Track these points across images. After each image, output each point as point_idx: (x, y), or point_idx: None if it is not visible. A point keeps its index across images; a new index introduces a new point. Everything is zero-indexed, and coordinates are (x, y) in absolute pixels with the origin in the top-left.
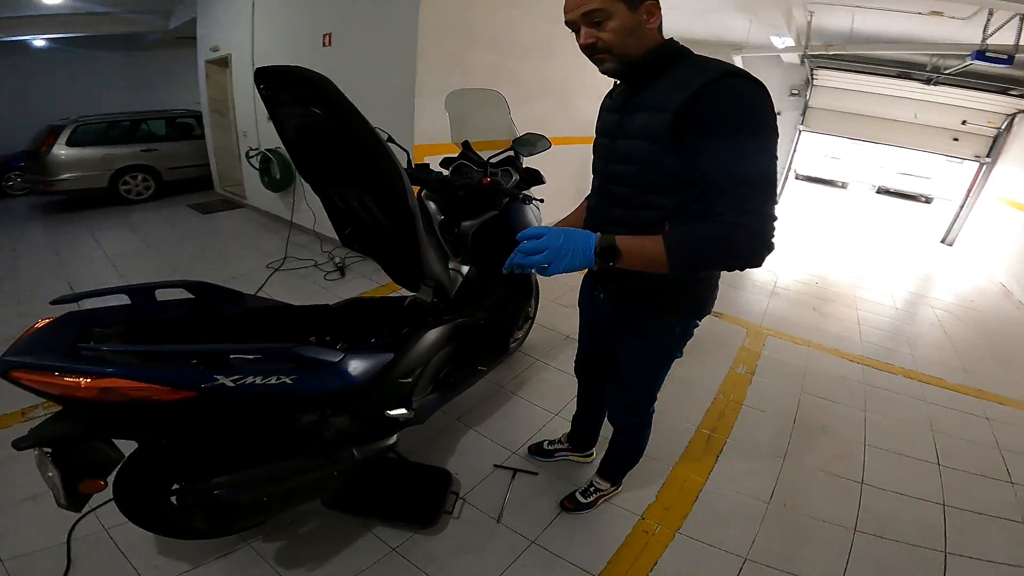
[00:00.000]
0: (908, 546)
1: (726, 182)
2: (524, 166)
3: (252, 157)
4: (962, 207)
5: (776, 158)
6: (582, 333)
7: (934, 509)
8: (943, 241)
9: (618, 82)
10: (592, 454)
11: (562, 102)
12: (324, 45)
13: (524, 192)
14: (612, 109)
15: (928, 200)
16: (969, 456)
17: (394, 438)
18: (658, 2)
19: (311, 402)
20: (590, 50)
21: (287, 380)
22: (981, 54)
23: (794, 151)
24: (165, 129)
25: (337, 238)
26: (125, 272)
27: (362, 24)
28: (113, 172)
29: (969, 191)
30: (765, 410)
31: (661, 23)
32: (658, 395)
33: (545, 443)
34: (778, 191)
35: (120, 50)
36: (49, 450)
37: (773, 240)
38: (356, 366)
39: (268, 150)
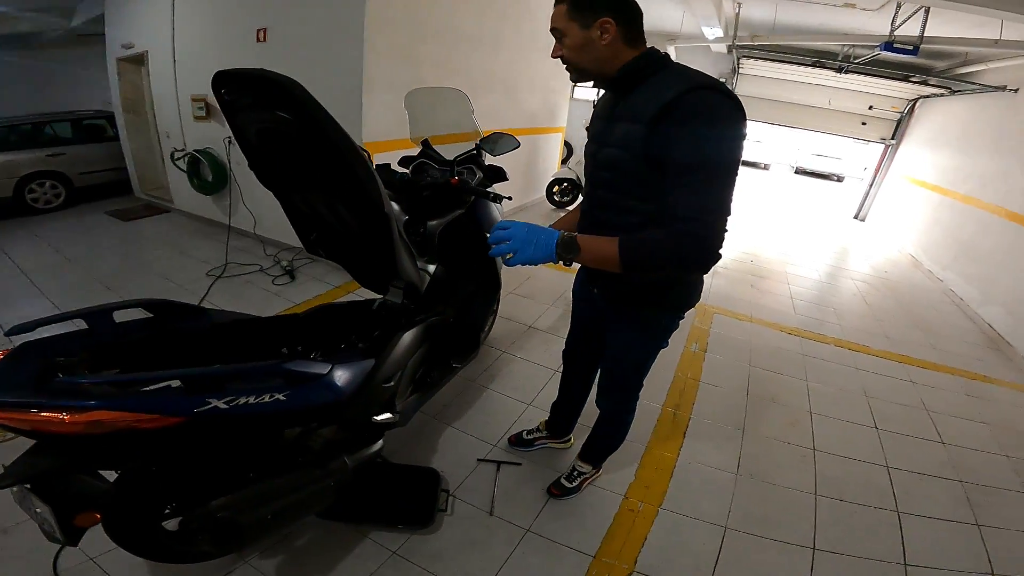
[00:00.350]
0: (864, 507)
1: (682, 188)
2: (487, 163)
3: (178, 159)
4: (871, 185)
5: (735, 171)
6: (575, 325)
7: (880, 471)
8: (856, 217)
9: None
10: (570, 440)
11: (508, 94)
12: (258, 40)
13: (492, 191)
14: (600, 116)
15: (840, 179)
16: (901, 419)
17: (380, 443)
18: (612, 20)
19: (303, 416)
20: (562, 61)
21: (280, 397)
22: (889, 45)
23: None
24: (72, 132)
25: (287, 242)
26: (49, 291)
27: (302, 17)
28: (18, 180)
29: (877, 170)
30: (721, 385)
31: (633, 36)
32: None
33: (524, 433)
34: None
35: (11, 50)
36: (28, 486)
37: (720, 251)
38: (342, 375)
39: (197, 151)
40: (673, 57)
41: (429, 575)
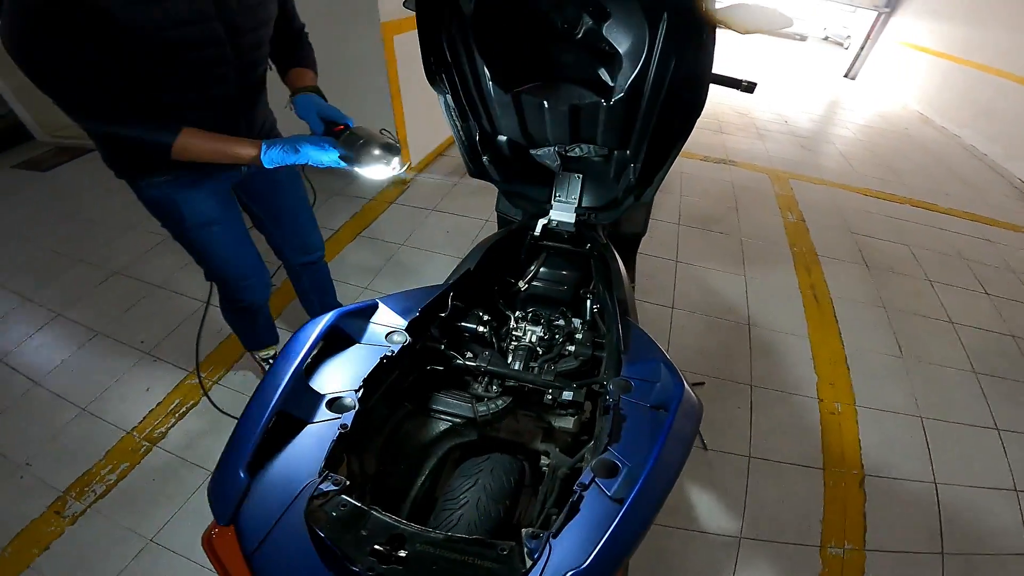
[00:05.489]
0: (1020, 383)
1: None
2: None
3: None
4: (862, 48)
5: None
6: None
7: (1008, 341)
8: (846, 75)
9: None
10: None
11: None
12: None
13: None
14: None
15: (803, 38)
16: (1001, 283)
17: None
18: None
19: None
20: None
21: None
22: None
23: None
24: None
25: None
26: (5, 280)
27: None
28: None
29: (868, 35)
30: (840, 258)
31: None
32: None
33: None
34: None
35: None
36: None
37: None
38: None
39: None
40: None
41: (681, 531)
